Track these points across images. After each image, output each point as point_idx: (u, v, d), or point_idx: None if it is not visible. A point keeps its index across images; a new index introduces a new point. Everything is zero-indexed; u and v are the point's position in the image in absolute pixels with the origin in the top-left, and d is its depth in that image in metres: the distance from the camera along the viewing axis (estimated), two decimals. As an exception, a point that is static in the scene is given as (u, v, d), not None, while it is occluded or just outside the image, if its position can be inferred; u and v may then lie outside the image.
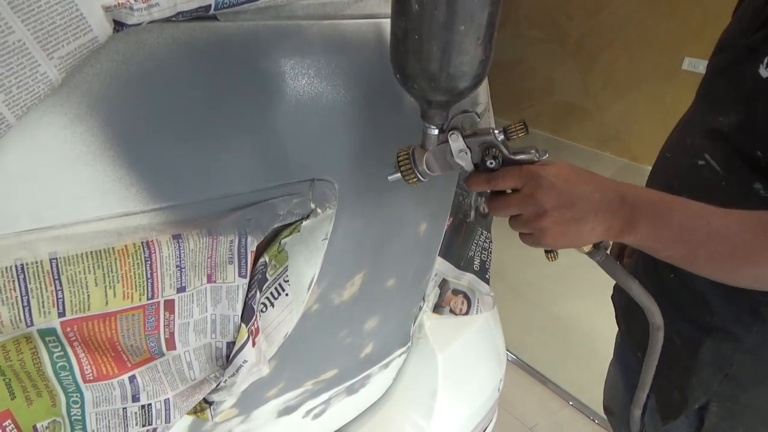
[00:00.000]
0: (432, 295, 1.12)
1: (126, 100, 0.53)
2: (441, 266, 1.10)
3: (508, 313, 1.43)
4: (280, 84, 0.63)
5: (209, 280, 0.63)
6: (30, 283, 0.49)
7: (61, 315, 0.52)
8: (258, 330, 0.71)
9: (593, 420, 2.08)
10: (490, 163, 0.61)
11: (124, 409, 0.60)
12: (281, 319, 0.74)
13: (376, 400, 1.12)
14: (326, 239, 0.75)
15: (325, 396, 0.97)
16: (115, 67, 0.51)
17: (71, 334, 0.54)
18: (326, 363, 0.93)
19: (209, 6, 0.52)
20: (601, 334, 2.44)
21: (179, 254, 0.58)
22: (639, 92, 3.96)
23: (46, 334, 0.52)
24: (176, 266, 0.58)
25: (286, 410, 0.91)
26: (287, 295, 0.74)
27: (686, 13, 3.53)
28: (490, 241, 1.19)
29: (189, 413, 0.69)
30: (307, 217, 0.71)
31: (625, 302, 1.07)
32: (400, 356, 1.09)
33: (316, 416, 0.98)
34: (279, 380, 0.85)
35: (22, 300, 0.49)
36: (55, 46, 0.44)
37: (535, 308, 2.66)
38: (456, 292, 1.13)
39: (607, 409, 1.35)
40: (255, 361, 0.70)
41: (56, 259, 0.50)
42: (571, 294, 2.72)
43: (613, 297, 1.12)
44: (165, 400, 0.63)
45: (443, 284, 1.13)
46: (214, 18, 0.56)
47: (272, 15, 0.61)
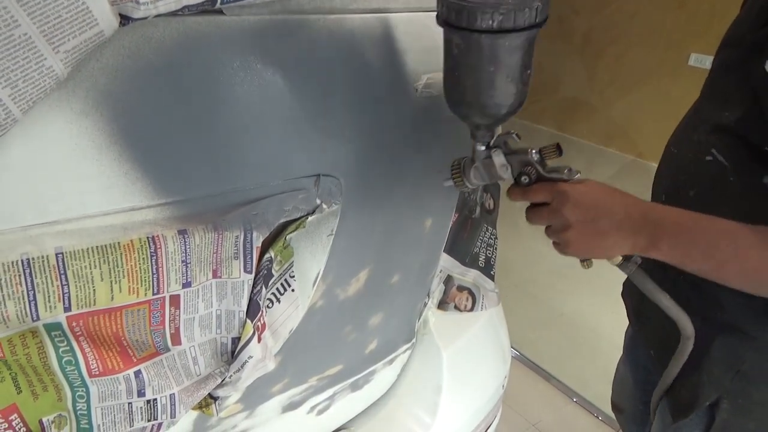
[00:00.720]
0: (437, 291, 1.12)
1: (132, 95, 0.52)
2: (446, 262, 1.09)
3: (513, 310, 1.42)
4: (286, 79, 0.62)
5: (215, 276, 0.63)
6: (36, 277, 0.49)
7: (67, 310, 0.52)
8: (264, 326, 0.71)
9: (597, 417, 2.08)
10: (524, 179, 0.70)
11: (129, 403, 0.61)
12: (287, 314, 0.74)
13: (380, 397, 1.12)
14: (331, 235, 0.75)
15: (329, 392, 0.97)
16: (121, 62, 0.51)
17: (77, 328, 0.54)
18: (331, 359, 0.93)
19: (215, 0, 0.52)
20: (605, 331, 2.44)
21: (185, 249, 0.58)
22: (645, 88, 3.94)
23: (52, 328, 0.52)
24: (182, 261, 0.58)
25: (291, 406, 0.91)
26: (293, 290, 0.74)
27: (693, 8, 3.51)
28: (496, 238, 1.18)
29: (194, 408, 0.70)
30: (312, 212, 0.70)
31: (637, 301, 1.06)
32: (404, 352, 1.09)
33: (321, 412, 0.98)
34: (284, 376, 0.85)
35: (28, 294, 0.49)
36: (61, 39, 0.44)
37: (540, 305, 2.65)
38: (461, 288, 1.13)
39: (615, 407, 1.34)
40: (260, 356, 0.70)
41: (62, 253, 0.50)
42: (576, 291, 2.71)
43: (623, 294, 1.12)
44: (170, 395, 0.63)
45: (448, 280, 1.13)
46: (219, 12, 0.55)
47: (278, 9, 0.61)
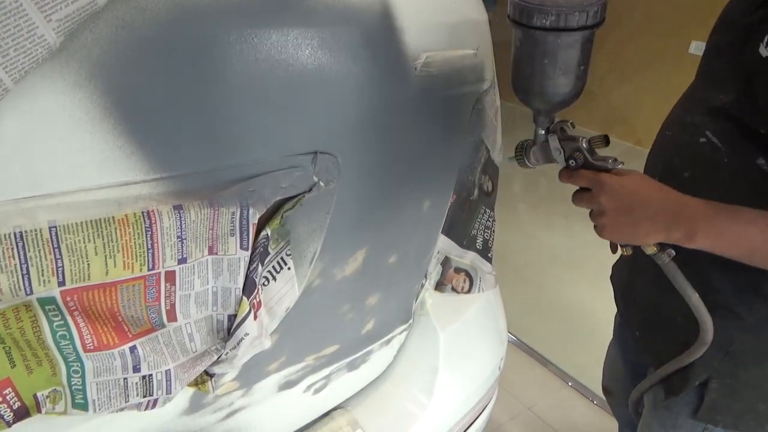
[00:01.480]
0: (434, 272, 1.12)
1: (126, 68, 0.52)
2: (443, 244, 1.09)
3: (510, 295, 1.42)
4: (282, 54, 0.62)
5: (211, 252, 0.62)
6: (29, 251, 0.49)
7: (61, 284, 0.52)
8: (260, 303, 0.71)
9: (592, 401, 2.09)
10: (571, 163, 0.76)
11: (125, 379, 0.60)
12: (283, 293, 0.74)
13: (377, 377, 1.12)
14: (328, 214, 0.75)
15: (326, 371, 0.97)
16: (114, 33, 0.50)
17: (71, 303, 0.53)
18: (327, 338, 0.93)
19: (211, -30, 0.51)
20: (601, 316, 2.43)
21: (180, 225, 0.57)
22: (645, 75, 3.93)
23: (46, 303, 0.52)
24: (177, 237, 0.58)
25: (287, 384, 0.91)
26: (289, 269, 0.74)
27: (695, -6, 3.48)
28: (494, 220, 1.18)
29: (190, 385, 0.70)
30: (309, 190, 0.70)
31: (624, 284, 1.07)
32: (401, 333, 1.09)
33: (317, 391, 0.99)
34: (280, 355, 0.85)
35: (21, 268, 0.49)
36: (53, 8, 0.43)
37: (537, 290, 2.66)
38: (458, 270, 1.12)
39: (605, 390, 1.36)
40: (257, 334, 0.69)
41: (55, 227, 0.50)
42: (572, 276, 2.72)
43: (611, 278, 1.12)
44: (166, 371, 0.63)
45: (445, 262, 1.13)
46: (215, -16, 0.55)
47: (275, -18, 0.60)
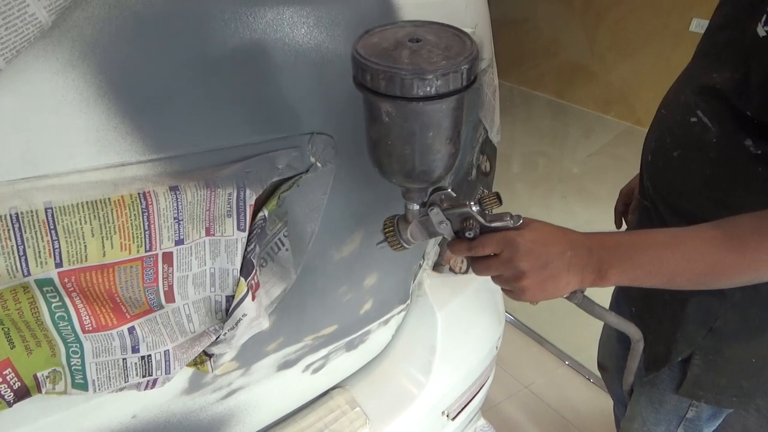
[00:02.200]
0: (432, 253, 1.12)
1: (119, 47, 0.51)
2: (441, 225, 1.09)
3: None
4: (278, 33, 0.61)
5: (208, 233, 0.62)
6: (25, 232, 0.49)
7: (58, 265, 0.52)
8: (258, 284, 0.71)
9: (588, 379, 2.12)
10: (468, 234, 0.67)
11: (124, 359, 0.61)
12: (281, 274, 0.74)
13: (375, 356, 1.13)
14: (326, 194, 0.75)
15: (324, 351, 0.98)
16: (107, 12, 0.49)
17: (69, 284, 0.53)
18: (326, 319, 0.93)
19: (204, -53, 0.50)
20: (598, 296, 2.45)
21: (177, 206, 0.57)
22: (645, 53, 3.90)
23: (44, 284, 0.52)
24: (174, 218, 0.57)
25: (286, 364, 0.91)
26: (287, 250, 0.74)
27: (697, -30, 3.45)
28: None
29: (189, 365, 0.70)
30: (306, 171, 0.70)
31: None
32: (399, 313, 1.10)
33: (316, 371, 0.99)
34: (278, 335, 0.85)
35: (18, 249, 0.49)
36: (44, -15, 0.42)
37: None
38: (456, 250, 1.13)
39: (601, 366, 1.38)
40: (255, 315, 0.70)
41: (51, 208, 0.50)
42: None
43: None
44: (165, 351, 0.63)
45: (443, 242, 1.13)
46: (209, -39, 0.54)
47: (270, -41, 0.59)
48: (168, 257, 0.60)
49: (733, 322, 0.84)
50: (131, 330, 0.60)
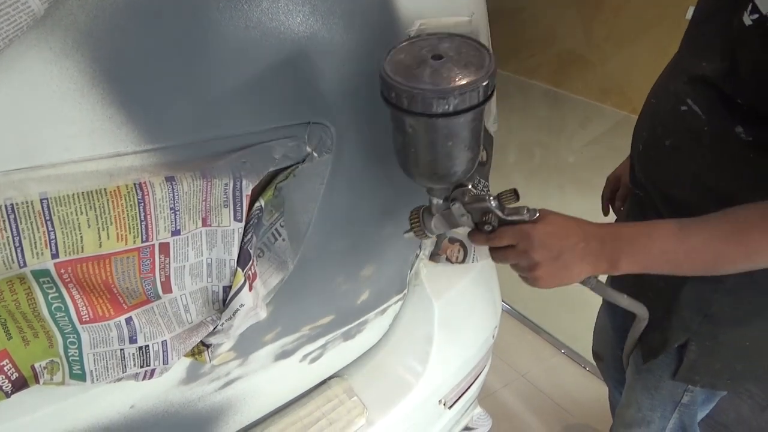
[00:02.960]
0: (428, 242, 1.12)
1: (114, 36, 0.50)
2: (438, 215, 1.09)
3: (504, 265, 1.43)
4: (273, 21, 0.60)
5: (204, 224, 0.62)
6: (21, 223, 0.49)
7: (55, 256, 0.52)
8: (255, 275, 0.71)
9: (584, 367, 2.13)
10: (487, 228, 0.72)
11: (121, 350, 0.61)
12: (277, 264, 0.74)
13: (372, 346, 1.14)
14: (322, 184, 0.74)
15: (321, 341, 0.98)
16: (100, 0, 0.49)
17: (65, 275, 0.53)
18: (323, 309, 0.93)
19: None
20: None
21: (173, 197, 0.57)
22: (642, 42, 3.88)
23: (40, 275, 0.52)
24: (170, 209, 0.57)
25: (283, 354, 0.92)
26: (284, 240, 0.74)
27: (694, -41, 3.42)
28: (488, 191, 1.18)
29: (187, 355, 0.70)
30: (302, 161, 0.69)
31: None
32: (396, 303, 1.10)
33: (313, 360, 1.00)
34: (275, 325, 0.85)
35: (13, 240, 0.49)
36: (36, -27, 0.42)
37: (531, 259, 2.67)
38: (452, 240, 1.13)
39: (595, 355, 1.39)
40: (252, 305, 0.70)
41: (47, 199, 0.49)
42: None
43: None
44: (162, 341, 0.64)
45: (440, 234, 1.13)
46: (204, -52, 0.53)
47: (265, -53, 0.58)
48: (165, 248, 0.59)
49: (728, 307, 0.85)
50: (128, 320, 0.60)
